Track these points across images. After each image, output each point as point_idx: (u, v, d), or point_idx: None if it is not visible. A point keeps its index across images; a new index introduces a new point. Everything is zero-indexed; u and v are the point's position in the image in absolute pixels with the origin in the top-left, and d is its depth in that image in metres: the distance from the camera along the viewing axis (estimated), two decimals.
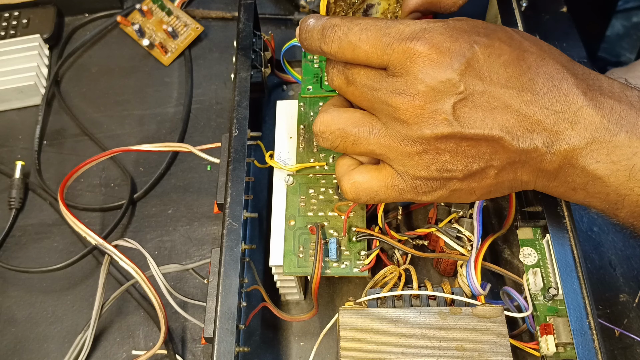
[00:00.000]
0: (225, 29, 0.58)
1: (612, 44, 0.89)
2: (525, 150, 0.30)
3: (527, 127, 0.30)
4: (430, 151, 0.31)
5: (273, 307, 0.39)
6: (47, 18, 0.58)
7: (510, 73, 0.30)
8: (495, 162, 0.31)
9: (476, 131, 0.30)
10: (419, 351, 0.33)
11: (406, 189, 0.33)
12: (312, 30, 0.33)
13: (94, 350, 0.43)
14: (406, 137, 0.31)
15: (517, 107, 0.30)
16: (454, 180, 0.32)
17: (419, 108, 0.30)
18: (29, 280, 0.46)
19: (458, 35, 0.30)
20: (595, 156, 0.30)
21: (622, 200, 0.30)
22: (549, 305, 0.36)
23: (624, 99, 0.30)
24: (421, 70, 0.30)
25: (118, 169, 0.51)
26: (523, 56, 0.31)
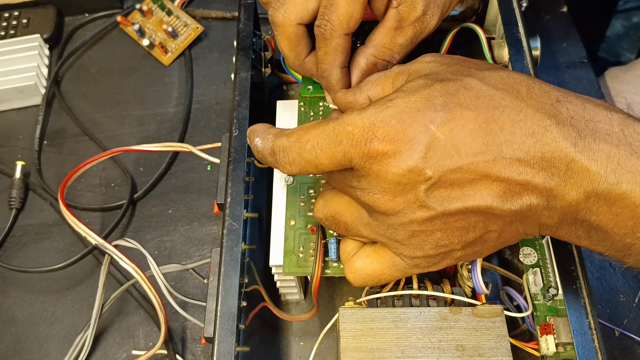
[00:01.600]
0: (226, 29, 0.58)
1: (612, 44, 0.89)
2: (520, 211, 0.29)
3: (514, 190, 0.28)
4: (418, 234, 0.30)
5: (273, 307, 0.39)
6: (47, 18, 0.58)
7: (481, 141, 0.28)
8: (492, 227, 0.30)
9: (459, 206, 0.29)
10: (419, 351, 0.33)
11: (409, 267, 0.32)
12: (263, 153, 0.33)
13: (94, 350, 0.43)
14: (390, 225, 0.30)
15: (497, 173, 0.28)
16: (455, 251, 0.31)
17: (390, 202, 0.29)
18: (29, 280, 0.46)
19: (411, 120, 0.28)
20: (596, 209, 0.28)
21: (629, 249, 0.29)
22: (548, 305, 0.36)
23: (623, 140, 0.28)
24: (381, 169, 0.29)
25: (118, 169, 0.51)
26: (493, 116, 0.28)
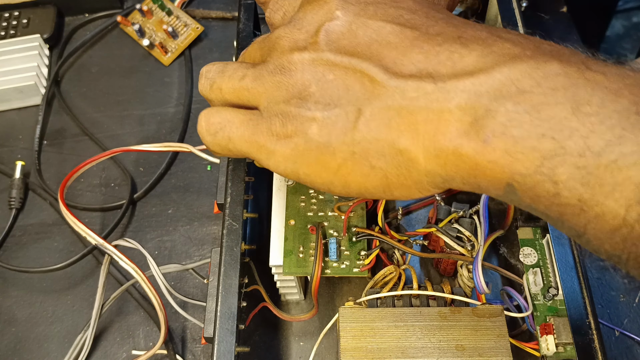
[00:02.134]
0: (226, 29, 0.58)
1: (612, 44, 0.89)
2: (402, 90, 0.25)
3: (406, 63, 0.25)
4: (299, 77, 0.27)
5: (273, 307, 0.39)
6: (47, 18, 0.58)
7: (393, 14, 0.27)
8: (365, 104, 0.26)
9: (342, 58, 0.26)
10: (419, 351, 0.33)
11: (262, 124, 0.28)
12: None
13: (94, 350, 0.43)
14: (277, 66, 0.28)
15: (398, 41, 0.26)
16: (312, 125, 0.27)
17: (292, 31, 0.28)
18: (29, 280, 0.46)
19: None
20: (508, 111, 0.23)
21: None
22: (549, 305, 0.36)
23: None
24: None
25: (118, 168, 0.51)
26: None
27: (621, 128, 0.20)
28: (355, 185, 0.27)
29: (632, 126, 0.20)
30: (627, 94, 0.21)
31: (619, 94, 0.21)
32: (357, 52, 0.26)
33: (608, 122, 0.21)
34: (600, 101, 0.21)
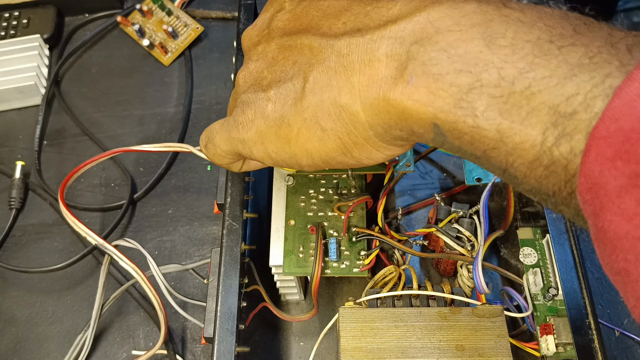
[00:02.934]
0: (226, 29, 0.58)
1: None
2: (337, 49, 0.26)
3: (339, 25, 0.27)
4: (253, 67, 0.30)
5: (273, 307, 0.39)
6: (47, 18, 0.58)
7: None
8: (308, 71, 0.27)
9: (287, 39, 0.29)
10: (419, 351, 0.33)
11: (231, 119, 0.31)
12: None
13: (94, 350, 0.43)
14: (242, 64, 0.31)
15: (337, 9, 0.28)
16: (268, 104, 0.29)
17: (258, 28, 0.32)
18: (29, 280, 0.46)
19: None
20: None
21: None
22: (549, 305, 0.36)
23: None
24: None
25: (118, 169, 0.51)
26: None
27: (533, 56, 0.21)
28: (317, 153, 0.28)
29: (544, 53, 0.21)
30: (541, 25, 0.22)
31: (533, 26, 0.22)
32: (300, 30, 0.28)
33: (521, 52, 0.21)
34: (513, 34, 0.22)
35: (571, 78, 0.20)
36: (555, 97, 0.20)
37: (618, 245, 0.19)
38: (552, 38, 0.21)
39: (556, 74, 0.21)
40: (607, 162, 0.19)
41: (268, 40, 0.30)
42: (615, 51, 0.20)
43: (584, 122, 0.20)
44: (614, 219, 0.19)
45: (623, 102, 0.18)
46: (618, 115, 0.18)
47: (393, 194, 0.46)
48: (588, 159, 0.19)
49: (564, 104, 0.20)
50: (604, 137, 0.19)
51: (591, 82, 0.20)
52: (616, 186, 0.19)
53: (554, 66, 0.21)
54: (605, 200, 0.19)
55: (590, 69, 0.20)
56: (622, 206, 0.19)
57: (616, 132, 0.19)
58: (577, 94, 0.20)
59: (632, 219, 0.18)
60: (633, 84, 0.18)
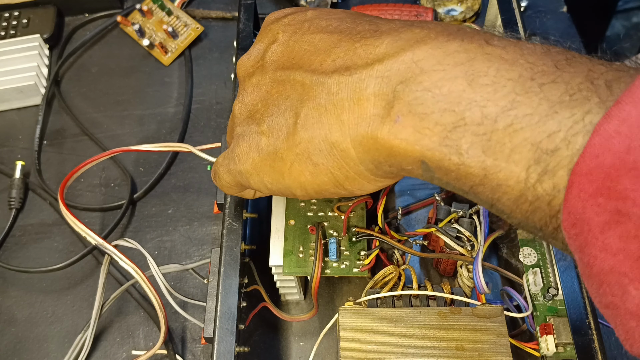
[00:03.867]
0: (226, 29, 0.58)
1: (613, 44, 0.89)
2: (327, 87, 0.27)
3: (329, 62, 0.27)
4: (248, 100, 0.31)
5: (273, 307, 0.39)
6: (47, 18, 0.58)
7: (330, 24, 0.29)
8: (300, 107, 0.28)
9: (280, 73, 0.29)
10: (419, 351, 0.33)
11: (229, 152, 0.32)
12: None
13: (94, 350, 0.43)
14: (237, 95, 0.32)
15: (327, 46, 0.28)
16: (262, 138, 0.30)
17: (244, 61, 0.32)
18: (29, 280, 0.46)
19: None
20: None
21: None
22: (548, 305, 0.36)
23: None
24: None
25: (118, 169, 0.51)
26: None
27: (515, 94, 0.21)
28: (309, 186, 0.29)
29: (526, 91, 0.21)
30: (522, 62, 0.22)
31: (514, 64, 0.22)
32: (293, 65, 0.29)
33: (503, 90, 0.22)
34: (495, 72, 0.22)
35: (552, 115, 0.21)
36: (537, 134, 0.21)
37: (604, 280, 0.19)
38: (533, 75, 0.22)
39: (537, 111, 0.21)
40: (590, 198, 0.19)
41: (262, 72, 0.30)
42: (594, 88, 0.20)
43: (566, 158, 0.20)
44: (599, 255, 0.19)
45: (602, 139, 0.19)
46: (598, 151, 0.19)
47: (393, 194, 0.46)
48: (571, 196, 0.20)
49: (546, 141, 0.21)
50: (585, 173, 0.19)
51: (572, 119, 0.20)
52: (599, 222, 0.19)
53: (535, 104, 0.21)
54: (590, 237, 0.19)
55: (571, 106, 0.20)
56: (605, 242, 0.19)
57: (597, 169, 0.19)
58: (559, 130, 0.20)
59: (616, 254, 0.19)
60: (612, 121, 0.19)
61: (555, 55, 0.22)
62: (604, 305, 0.20)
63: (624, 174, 0.18)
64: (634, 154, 0.18)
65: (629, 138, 0.18)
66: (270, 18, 0.33)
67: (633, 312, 0.19)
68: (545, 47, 0.23)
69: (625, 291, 0.19)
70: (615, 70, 0.21)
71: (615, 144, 0.18)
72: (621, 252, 0.18)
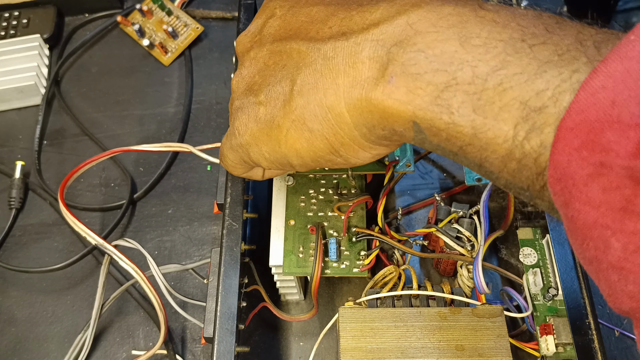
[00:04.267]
0: (226, 29, 0.58)
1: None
2: (323, 52, 0.27)
3: (325, 29, 0.28)
4: (245, 73, 0.31)
5: (273, 307, 0.39)
6: (47, 18, 0.58)
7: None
8: (296, 74, 0.28)
9: (277, 44, 0.30)
10: (419, 351, 0.33)
11: (230, 128, 0.33)
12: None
13: (94, 350, 0.43)
14: (236, 71, 0.32)
15: (322, 16, 0.29)
16: (260, 107, 0.30)
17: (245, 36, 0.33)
18: (29, 280, 0.46)
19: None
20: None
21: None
22: (548, 305, 0.36)
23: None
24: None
25: (118, 169, 0.51)
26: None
27: (505, 54, 0.22)
28: (306, 153, 0.29)
29: (516, 52, 0.22)
30: (514, 25, 0.23)
31: (506, 26, 0.23)
32: (290, 35, 0.29)
33: (494, 50, 0.22)
34: (487, 33, 0.23)
35: (541, 74, 0.21)
36: (525, 92, 0.21)
37: (588, 235, 0.20)
38: (524, 37, 0.22)
39: (526, 70, 0.21)
40: (574, 152, 0.19)
41: (260, 45, 0.31)
42: (583, 48, 0.21)
43: (553, 115, 0.21)
44: (583, 208, 0.19)
45: (588, 94, 0.19)
46: (583, 106, 0.19)
47: (393, 194, 0.46)
48: (556, 150, 0.20)
49: (534, 99, 0.21)
50: (571, 128, 0.20)
51: (559, 78, 0.21)
52: (583, 175, 0.19)
53: (524, 63, 0.22)
54: (574, 190, 0.20)
55: (559, 65, 0.21)
56: (589, 194, 0.19)
57: (582, 123, 0.19)
58: (547, 89, 0.21)
59: (599, 207, 0.19)
60: (598, 77, 0.19)
61: (546, 19, 0.23)
62: (587, 260, 0.20)
63: (607, 127, 0.19)
64: (618, 108, 0.18)
65: (614, 92, 0.19)
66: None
67: (615, 265, 0.19)
68: (537, 12, 0.24)
69: (608, 244, 0.19)
70: (604, 32, 0.21)
71: (600, 98, 0.19)
72: (603, 204, 0.19)
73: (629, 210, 0.18)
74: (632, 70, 0.19)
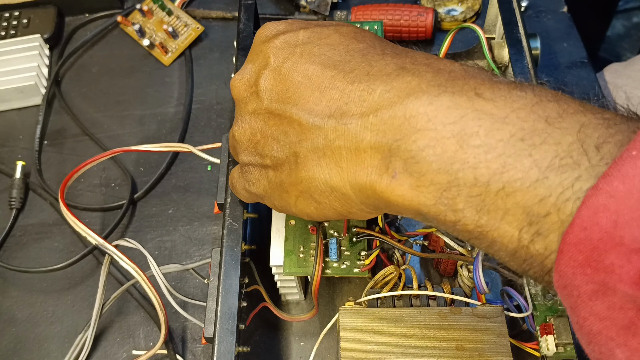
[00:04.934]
0: (226, 29, 0.58)
1: (613, 44, 0.89)
2: (324, 131, 0.27)
3: (324, 102, 0.28)
4: (247, 127, 0.31)
5: (273, 307, 0.39)
6: (47, 18, 0.58)
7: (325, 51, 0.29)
8: (299, 147, 0.28)
9: (276, 106, 0.29)
10: (419, 351, 0.33)
11: (241, 176, 0.34)
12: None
13: (95, 350, 0.43)
14: (235, 118, 0.33)
15: (327, 84, 0.28)
16: (269, 170, 0.31)
17: (237, 81, 0.32)
18: (29, 280, 0.46)
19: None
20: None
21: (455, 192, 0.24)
22: (549, 305, 0.36)
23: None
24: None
25: (118, 169, 0.51)
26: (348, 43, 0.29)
27: (506, 156, 0.22)
28: (317, 216, 0.30)
29: (516, 154, 0.22)
30: (513, 120, 0.22)
31: (505, 121, 0.23)
32: (287, 98, 0.29)
33: (493, 152, 0.22)
34: (486, 132, 0.23)
35: (543, 181, 0.21)
36: (528, 198, 0.21)
37: (593, 340, 0.20)
38: (524, 136, 0.22)
39: (528, 176, 0.21)
40: (579, 267, 0.20)
41: (258, 100, 0.30)
42: (584, 150, 0.21)
43: (556, 223, 0.21)
44: (588, 317, 0.20)
45: (590, 212, 0.19)
46: (586, 224, 0.19)
47: None
48: (561, 262, 0.20)
49: (537, 206, 0.21)
50: (575, 243, 0.20)
51: (562, 185, 0.21)
52: (587, 290, 0.20)
53: (526, 168, 0.22)
54: (579, 301, 0.20)
55: (561, 171, 0.21)
56: (593, 308, 0.20)
57: (585, 240, 0.20)
58: (549, 195, 0.21)
59: (604, 320, 0.20)
60: (600, 195, 0.19)
61: (547, 105, 0.23)
62: (593, 358, 0.21)
63: (610, 248, 0.19)
64: (620, 230, 0.19)
65: (616, 213, 0.19)
66: (261, 36, 0.32)
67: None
68: (537, 96, 0.23)
69: (612, 353, 0.20)
70: (606, 126, 0.21)
71: (602, 218, 0.19)
72: (608, 319, 0.19)
73: (632, 330, 0.19)
74: (633, 190, 0.19)
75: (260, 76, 0.30)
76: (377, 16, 0.53)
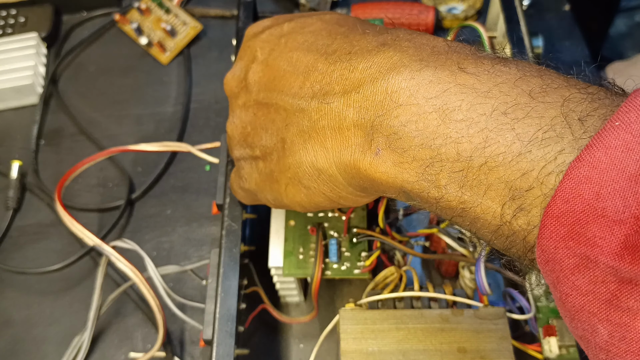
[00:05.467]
0: (225, 27, 0.58)
1: (615, 43, 0.88)
2: (308, 113, 0.27)
3: (308, 85, 0.28)
4: (238, 122, 0.32)
5: (273, 309, 0.38)
6: (44, 16, 0.57)
7: (308, 38, 0.29)
8: (285, 132, 0.29)
9: (263, 95, 0.30)
10: (420, 353, 0.33)
11: (235, 174, 0.34)
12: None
13: (92, 352, 0.43)
14: (230, 113, 0.33)
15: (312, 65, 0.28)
16: (259, 161, 0.31)
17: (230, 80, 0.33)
18: (26, 281, 0.46)
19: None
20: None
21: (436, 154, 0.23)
22: (551, 307, 0.35)
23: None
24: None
25: (116, 169, 0.51)
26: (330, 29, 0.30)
27: (488, 131, 0.22)
28: (307, 204, 0.30)
29: (498, 128, 0.21)
30: (496, 94, 0.22)
31: (488, 96, 0.22)
32: (274, 86, 0.29)
33: (475, 126, 0.22)
34: (468, 106, 0.22)
35: (525, 155, 0.21)
36: (511, 173, 0.21)
37: (576, 316, 0.20)
38: (507, 110, 0.22)
39: (511, 150, 0.21)
40: (561, 240, 0.20)
41: (247, 94, 0.31)
42: (568, 123, 0.20)
43: (539, 198, 0.21)
44: (570, 293, 0.20)
45: (573, 183, 0.19)
46: (568, 196, 0.19)
47: None
48: (543, 236, 0.20)
49: (520, 180, 0.21)
50: (557, 216, 0.20)
51: (544, 159, 0.20)
52: (569, 264, 0.20)
53: (508, 142, 0.21)
54: (561, 275, 0.20)
55: (544, 144, 0.21)
56: (575, 282, 0.20)
57: (567, 213, 0.19)
58: (532, 169, 0.21)
59: (586, 295, 0.19)
60: (582, 166, 0.19)
61: (530, 80, 0.22)
62: (577, 335, 0.21)
63: (592, 220, 0.19)
64: (602, 201, 0.19)
65: (599, 185, 0.19)
66: (249, 33, 0.33)
67: (602, 347, 0.20)
68: (520, 71, 0.23)
69: (595, 329, 0.20)
70: (590, 100, 0.21)
71: (585, 189, 0.19)
72: (590, 293, 0.19)
73: (614, 304, 0.19)
74: (616, 161, 0.19)
75: (249, 70, 0.31)
76: (377, 14, 0.53)
